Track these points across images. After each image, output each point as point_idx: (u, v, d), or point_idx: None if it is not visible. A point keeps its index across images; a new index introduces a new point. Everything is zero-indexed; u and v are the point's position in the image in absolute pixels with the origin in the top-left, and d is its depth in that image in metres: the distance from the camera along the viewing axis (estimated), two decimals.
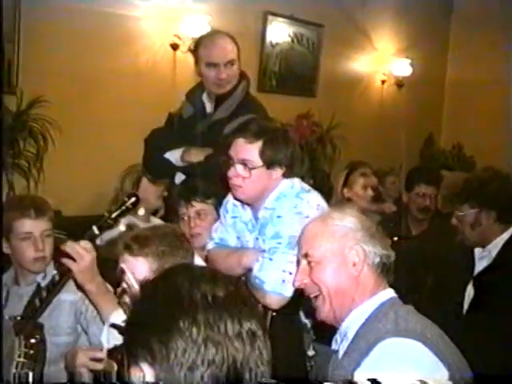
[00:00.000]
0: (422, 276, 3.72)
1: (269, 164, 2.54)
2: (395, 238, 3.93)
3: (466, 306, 3.01)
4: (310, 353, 2.71)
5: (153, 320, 1.10)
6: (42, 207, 2.72)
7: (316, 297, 1.95)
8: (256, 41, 5.96)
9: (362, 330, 1.86)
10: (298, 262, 2.03)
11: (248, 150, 2.53)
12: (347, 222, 1.97)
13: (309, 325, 2.72)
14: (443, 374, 1.72)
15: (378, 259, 1.94)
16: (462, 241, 3.05)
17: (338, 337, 1.95)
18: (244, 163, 2.54)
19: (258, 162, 2.53)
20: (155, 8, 5.00)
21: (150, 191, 3.79)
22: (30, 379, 2.48)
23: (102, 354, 2.19)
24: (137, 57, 4.88)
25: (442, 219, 4.11)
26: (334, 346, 1.96)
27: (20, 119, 4.02)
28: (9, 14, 4.21)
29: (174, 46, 5.07)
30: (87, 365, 2.23)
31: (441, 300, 3.20)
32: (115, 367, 2.05)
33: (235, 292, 1.14)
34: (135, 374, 1.11)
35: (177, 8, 5.05)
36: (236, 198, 2.70)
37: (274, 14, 6.06)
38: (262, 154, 2.53)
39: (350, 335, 1.88)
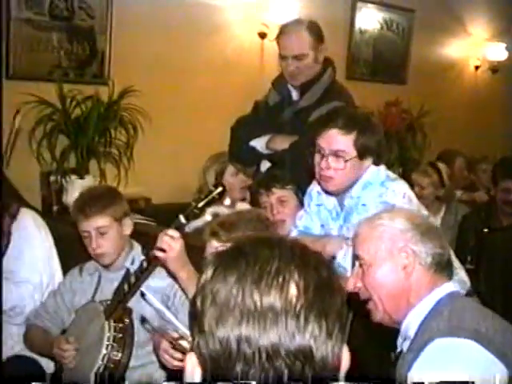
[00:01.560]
0: None
1: (362, 154, 2.52)
2: (486, 230, 3.84)
3: None
4: (398, 349, 2.67)
5: (198, 316, 1.03)
6: (97, 204, 2.70)
7: (369, 299, 1.91)
8: (345, 28, 5.89)
9: (419, 329, 1.80)
10: (354, 264, 1.99)
11: (342, 141, 2.50)
12: (396, 223, 1.91)
13: None
14: (500, 371, 1.62)
15: (429, 259, 1.86)
16: None
17: (400, 338, 1.91)
18: (337, 155, 2.51)
19: (353, 152, 2.51)
20: None
21: (233, 182, 3.82)
22: (119, 361, 2.57)
23: (185, 343, 2.22)
24: (225, 46, 4.91)
25: None
26: (398, 348, 1.93)
27: (111, 109, 4.11)
28: (101, 6, 4.32)
29: (262, 35, 5.08)
30: (169, 352, 2.28)
31: None
32: None
33: (292, 301, 1.00)
34: (187, 360, 1.06)
35: None
36: (324, 190, 2.68)
37: (363, 1, 5.97)
38: (355, 144, 2.50)
39: (411, 334, 1.84)
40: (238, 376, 0.98)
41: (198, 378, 1.03)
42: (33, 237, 3.10)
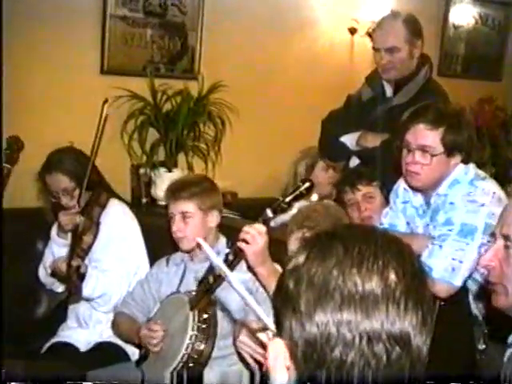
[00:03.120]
0: None
1: (449, 151, 2.47)
2: None
3: None
4: (481, 346, 2.60)
5: (291, 299, 1.01)
6: (187, 190, 2.77)
7: (497, 284, 1.66)
8: (438, 23, 5.75)
9: None
10: (494, 236, 1.68)
11: (429, 137, 2.46)
12: None
13: (480, 317, 2.62)
14: None
15: None
16: None
17: None
18: (424, 150, 2.47)
19: (439, 148, 2.46)
20: None
21: (323, 177, 3.81)
22: (202, 351, 2.61)
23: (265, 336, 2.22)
24: (314, 41, 4.88)
25: None
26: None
27: (200, 103, 4.15)
28: (193, 2, 4.38)
29: (352, 31, 5.02)
30: (248, 343, 2.30)
31: None
32: None
33: (392, 286, 0.98)
34: (270, 346, 1.05)
35: None
36: (410, 185, 2.64)
37: None
38: (443, 140, 2.45)
39: None
40: (336, 360, 0.97)
41: (281, 364, 1.02)
42: (121, 227, 3.18)
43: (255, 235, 2.33)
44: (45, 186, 3.19)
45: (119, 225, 3.18)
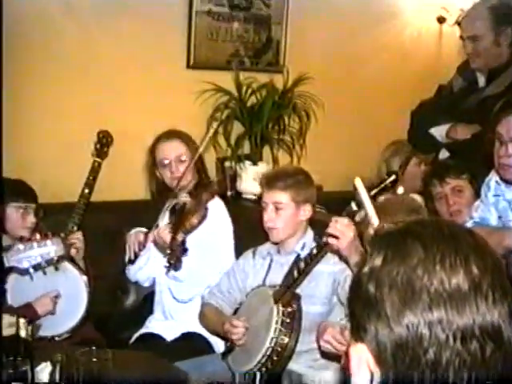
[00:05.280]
0: None
1: None
2: None
3: None
4: None
5: (374, 304, 0.98)
6: (283, 180, 2.77)
7: None
8: None
9: None
10: None
11: None
12: None
13: None
14: None
15: None
16: None
17: None
18: None
19: None
20: None
21: (416, 172, 3.72)
22: (286, 345, 2.60)
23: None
24: (401, 31, 4.78)
25: None
26: None
27: (286, 96, 4.14)
28: None
29: (441, 20, 4.89)
30: (331, 342, 2.28)
31: None
32: None
33: (476, 280, 0.95)
34: (352, 352, 1.01)
35: None
36: (502, 178, 2.55)
37: None
38: None
39: None
40: (431, 361, 0.94)
41: (365, 369, 0.99)
42: (221, 220, 3.18)
43: (343, 229, 2.33)
44: (153, 163, 3.22)
45: (220, 218, 3.18)
